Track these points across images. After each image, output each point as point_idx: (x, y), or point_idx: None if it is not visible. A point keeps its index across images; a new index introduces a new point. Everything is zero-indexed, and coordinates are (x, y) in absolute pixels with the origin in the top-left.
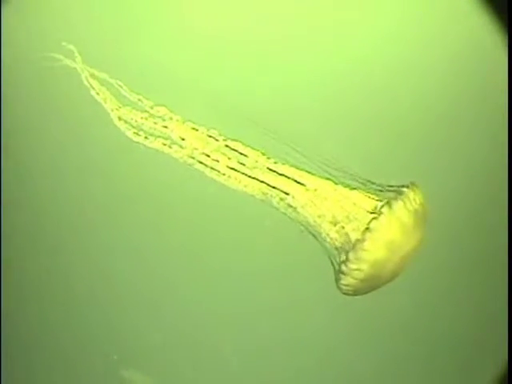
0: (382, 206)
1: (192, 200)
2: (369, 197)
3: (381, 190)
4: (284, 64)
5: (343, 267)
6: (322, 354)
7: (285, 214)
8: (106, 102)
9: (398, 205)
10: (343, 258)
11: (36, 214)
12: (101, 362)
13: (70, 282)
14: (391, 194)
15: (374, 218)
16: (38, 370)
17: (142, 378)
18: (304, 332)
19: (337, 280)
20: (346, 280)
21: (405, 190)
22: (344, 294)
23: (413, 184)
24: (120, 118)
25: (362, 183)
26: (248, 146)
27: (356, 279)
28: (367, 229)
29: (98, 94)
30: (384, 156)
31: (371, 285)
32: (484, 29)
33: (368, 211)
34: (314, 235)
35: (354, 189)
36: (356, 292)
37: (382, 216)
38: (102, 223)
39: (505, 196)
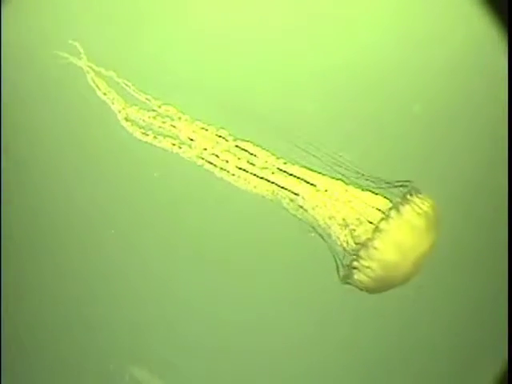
0: (390, 209)
1: (201, 200)
2: (380, 197)
3: (392, 188)
4: (293, 64)
5: (355, 263)
6: (327, 354)
7: (295, 214)
8: (113, 103)
9: (405, 208)
10: (354, 256)
11: (38, 216)
12: (102, 362)
13: (71, 282)
14: (400, 193)
15: (383, 219)
16: (38, 370)
17: (148, 377)
18: (310, 333)
19: (349, 275)
20: (358, 275)
21: (408, 195)
22: (359, 289)
23: (415, 189)
24: (127, 118)
25: (373, 181)
26: (258, 146)
27: (368, 277)
28: (377, 228)
29: (105, 94)
30: (393, 153)
31: (384, 285)
32: (484, 28)
33: (378, 212)
34: (324, 236)
35: (366, 189)
36: (369, 290)
37: (391, 219)
38: (106, 225)
39: (505, 195)
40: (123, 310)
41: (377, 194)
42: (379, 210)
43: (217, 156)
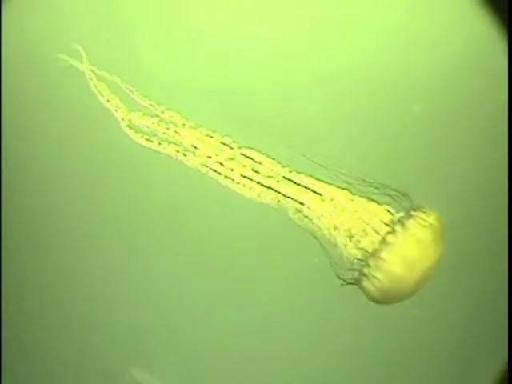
0: (395, 224)
1: (204, 208)
2: (384, 209)
3: (395, 196)
4: (297, 68)
5: (364, 269)
6: (328, 360)
7: (299, 224)
8: (116, 110)
9: (410, 223)
10: (363, 263)
11: (39, 219)
12: (103, 363)
13: (72, 283)
14: (404, 205)
15: (389, 232)
16: (38, 370)
17: (149, 378)
18: (312, 339)
19: (359, 281)
20: (366, 283)
21: (411, 210)
22: (368, 298)
23: (419, 205)
24: (130, 126)
25: (376, 187)
26: (263, 153)
27: (375, 287)
28: (383, 240)
29: (108, 101)
30: (394, 155)
31: (391, 297)
32: (484, 28)
33: (384, 224)
34: (328, 246)
35: (372, 200)
36: (375, 301)
37: (397, 233)
38: (108, 230)
39: (505, 195)
40: (124, 312)
41: (381, 204)
42: (384, 222)
43: (221, 164)
